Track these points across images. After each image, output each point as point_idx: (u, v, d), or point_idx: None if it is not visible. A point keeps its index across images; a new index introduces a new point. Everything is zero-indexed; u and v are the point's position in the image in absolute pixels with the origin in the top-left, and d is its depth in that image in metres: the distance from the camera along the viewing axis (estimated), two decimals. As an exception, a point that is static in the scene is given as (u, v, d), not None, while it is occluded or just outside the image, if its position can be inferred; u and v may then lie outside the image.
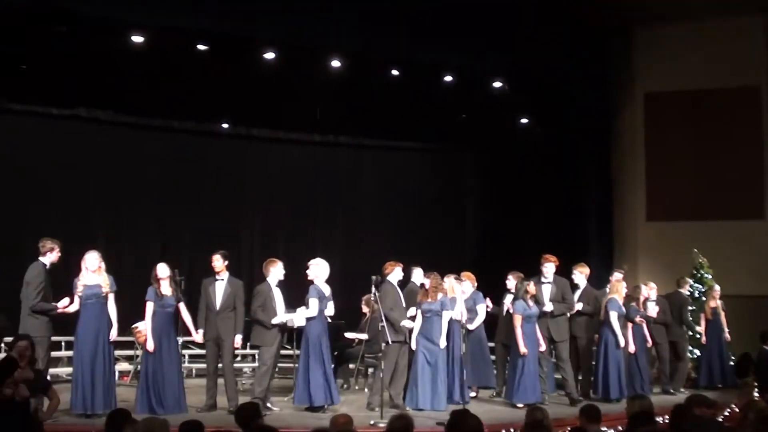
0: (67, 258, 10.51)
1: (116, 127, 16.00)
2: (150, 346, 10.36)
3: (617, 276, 12.76)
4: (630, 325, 12.48)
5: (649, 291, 13.28)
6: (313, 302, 10.71)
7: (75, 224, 15.13)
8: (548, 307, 12.03)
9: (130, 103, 15.45)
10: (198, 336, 10.87)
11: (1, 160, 15.10)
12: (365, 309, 13.14)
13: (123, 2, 12.38)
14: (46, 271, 10.09)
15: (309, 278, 10.95)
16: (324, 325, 10.87)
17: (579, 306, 12.38)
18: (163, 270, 10.58)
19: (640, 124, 16.26)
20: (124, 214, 16.28)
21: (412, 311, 11.34)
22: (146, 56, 13.32)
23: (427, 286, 11.30)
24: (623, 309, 12.23)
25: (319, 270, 10.95)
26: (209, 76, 14.24)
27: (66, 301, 10.07)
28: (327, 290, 10.92)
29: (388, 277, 11.35)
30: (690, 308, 13.90)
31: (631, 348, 12.44)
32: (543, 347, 11.78)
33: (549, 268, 12.23)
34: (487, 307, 12.85)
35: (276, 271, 11.04)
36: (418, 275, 11.92)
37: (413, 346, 11.15)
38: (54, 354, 11.53)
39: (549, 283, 12.21)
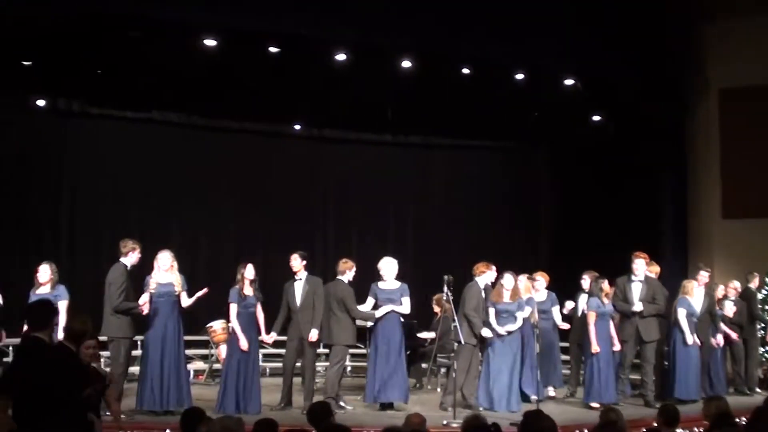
0: (142, 258, 10.62)
1: (190, 129, 16.26)
2: (244, 344, 10.43)
3: (703, 275, 12.56)
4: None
5: (727, 290, 13.06)
6: (407, 301, 10.82)
7: (150, 225, 15.41)
8: (637, 307, 11.64)
9: (202, 105, 15.68)
10: (268, 338, 10.98)
11: (78, 163, 15.50)
12: (436, 309, 13.14)
13: (195, 6, 12.54)
14: (127, 272, 10.22)
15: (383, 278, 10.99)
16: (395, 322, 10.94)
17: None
18: (250, 271, 10.71)
19: (715, 120, 15.91)
20: (199, 215, 16.51)
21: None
22: (218, 59, 13.47)
23: (506, 286, 11.22)
24: (693, 308, 12.03)
25: (389, 268, 10.99)
26: (281, 77, 14.36)
27: (145, 298, 10.21)
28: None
29: (477, 278, 11.31)
30: (759, 306, 13.67)
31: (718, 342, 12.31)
32: (617, 347, 11.60)
33: (639, 265, 11.77)
34: (563, 308, 12.71)
35: (351, 273, 11.18)
36: (491, 275, 11.81)
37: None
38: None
39: (640, 281, 11.80)
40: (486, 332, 11.00)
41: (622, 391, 11.70)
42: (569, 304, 12.70)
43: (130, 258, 10.30)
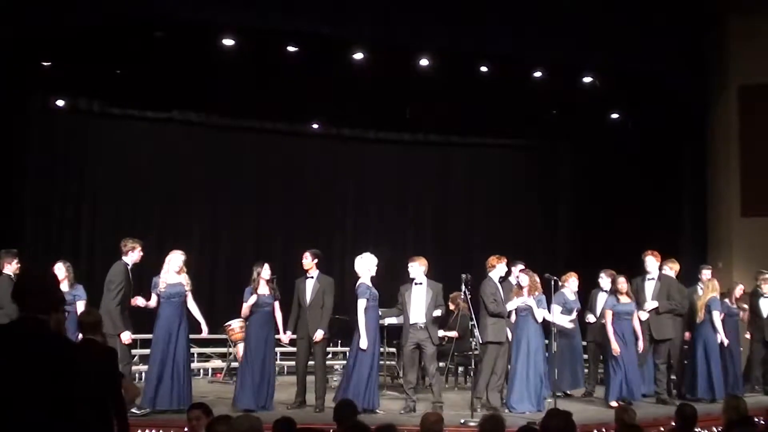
0: (163, 257, 10.60)
1: (209, 129, 16.35)
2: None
3: (706, 273, 12.48)
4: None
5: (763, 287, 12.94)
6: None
7: (170, 224, 15.52)
8: (649, 305, 11.63)
9: (222, 105, 15.75)
10: (284, 337, 10.95)
11: (99, 163, 15.60)
12: (452, 307, 13.13)
13: (214, 6, 12.59)
14: (128, 271, 10.10)
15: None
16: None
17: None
18: (266, 270, 10.71)
19: (735, 117, 15.75)
20: (219, 213, 16.63)
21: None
22: (237, 59, 13.53)
23: (522, 283, 11.18)
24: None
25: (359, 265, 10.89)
26: (299, 77, 14.39)
27: (140, 300, 10.14)
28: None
29: (491, 273, 11.19)
30: None
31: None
32: (641, 347, 11.55)
33: (651, 263, 11.79)
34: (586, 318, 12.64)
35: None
36: (503, 267, 11.70)
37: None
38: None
39: (653, 279, 11.80)
40: (512, 305, 11.00)
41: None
42: (590, 318, 12.59)
43: (131, 257, 10.17)
